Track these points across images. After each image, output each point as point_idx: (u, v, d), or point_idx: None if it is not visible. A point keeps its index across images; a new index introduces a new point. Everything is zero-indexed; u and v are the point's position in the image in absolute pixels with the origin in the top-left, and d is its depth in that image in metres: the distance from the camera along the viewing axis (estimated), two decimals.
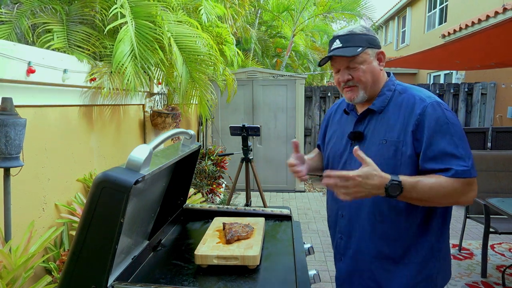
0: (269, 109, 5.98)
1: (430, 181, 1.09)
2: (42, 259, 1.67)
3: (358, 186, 1.04)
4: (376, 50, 1.25)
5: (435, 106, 1.15)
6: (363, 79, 1.23)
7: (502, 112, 6.97)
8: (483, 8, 7.81)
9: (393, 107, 1.23)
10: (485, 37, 3.77)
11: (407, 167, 1.16)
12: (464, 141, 1.14)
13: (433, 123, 1.13)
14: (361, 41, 1.22)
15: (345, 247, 1.32)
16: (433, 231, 1.20)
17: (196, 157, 1.54)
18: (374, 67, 1.24)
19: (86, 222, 0.91)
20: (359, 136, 1.27)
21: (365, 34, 1.23)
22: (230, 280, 1.08)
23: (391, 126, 1.20)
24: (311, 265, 3.27)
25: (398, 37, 14.76)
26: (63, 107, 2.15)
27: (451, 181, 1.08)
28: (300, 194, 5.90)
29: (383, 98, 1.25)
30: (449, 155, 1.11)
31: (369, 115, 1.28)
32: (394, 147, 1.17)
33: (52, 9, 2.42)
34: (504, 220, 3.25)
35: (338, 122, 1.42)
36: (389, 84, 1.28)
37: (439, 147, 1.12)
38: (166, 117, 3.34)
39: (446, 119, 1.14)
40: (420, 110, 1.16)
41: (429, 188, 1.08)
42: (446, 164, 1.10)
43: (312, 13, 8.20)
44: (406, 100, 1.21)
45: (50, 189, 2.02)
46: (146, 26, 2.54)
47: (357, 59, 1.21)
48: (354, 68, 1.22)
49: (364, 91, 1.24)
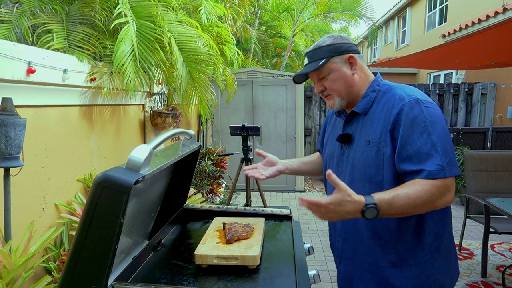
0: (269, 109, 5.98)
1: (406, 194, 1.05)
2: (42, 259, 1.67)
3: (331, 212, 1.02)
4: (344, 55, 1.25)
5: (413, 105, 1.13)
6: (334, 87, 1.26)
7: (502, 112, 6.97)
8: (483, 8, 7.81)
9: (377, 108, 1.23)
10: (485, 37, 3.77)
11: (389, 167, 1.15)
12: (443, 139, 1.10)
13: (409, 122, 1.12)
14: (324, 52, 1.25)
15: (342, 249, 1.32)
16: (430, 232, 1.18)
17: (196, 157, 1.54)
18: (344, 73, 1.25)
19: (86, 222, 0.91)
20: (347, 138, 1.28)
21: (330, 44, 1.25)
22: (230, 280, 1.08)
23: (374, 127, 1.20)
24: (311, 265, 3.27)
25: (398, 37, 14.76)
26: (63, 107, 2.15)
27: (426, 186, 1.05)
28: (300, 194, 5.90)
29: (367, 100, 1.26)
30: (423, 155, 1.08)
31: (355, 117, 1.29)
32: (376, 147, 1.18)
33: (52, 9, 2.42)
34: (504, 220, 3.26)
35: (333, 125, 1.44)
36: (374, 85, 1.27)
37: (414, 147, 1.10)
38: (166, 117, 3.34)
39: (424, 117, 1.11)
40: (398, 109, 1.15)
41: (406, 202, 1.04)
42: (419, 165, 1.08)
43: (312, 13, 8.19)
44: (388, 100, 1.21)
45: (50, 189, 2.02)
46: (146, 26, 2.54)
47: (323, 71, 1.25)
48: (324, 78, 1.27)
49: (340, 98, 1.27)
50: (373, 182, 1.18)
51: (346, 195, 1.01)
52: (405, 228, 1.18)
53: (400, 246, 1.19)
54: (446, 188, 1.08)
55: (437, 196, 1.07)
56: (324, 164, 1.45)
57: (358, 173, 1.22)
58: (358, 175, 1.22)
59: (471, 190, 3.50)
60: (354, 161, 1.24)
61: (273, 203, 5.38)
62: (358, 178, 1.21)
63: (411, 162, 1.10)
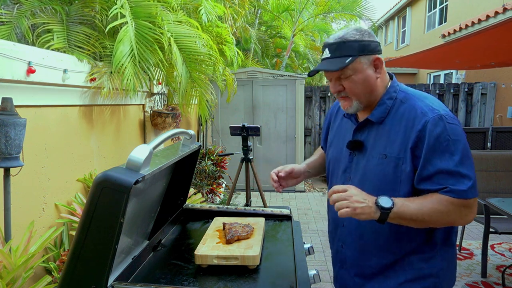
0: (269, 109, 5.98)
1: (421, 202, 1.05)
2: (42, 259, 1.67)
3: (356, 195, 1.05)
4: (371, 56, 1.14)
5: (437, 121, 1.07)
6: (355, 90, 1.15)
7: (502, 112, 6.97)
8: (483, 8, 7.81)
9: (394, 118, 1.16)
10: (485, 37, 3.77)
11: (407, 184, 1.11)
12: (466, 159, 1.06)
13: (433, 141, 1.06)
14: (351, 49, 1.12)
15: (346, 255, 1.28)
16: (438, 239, 1.17)
17: (196, 157, 1.54)
18: (368, 76, 1.15)
19: (86, 222, 0.91)
20: (359, 146, 1.21)
21: (357, 40, 1.12)
22: (230, 280, 1.08)
23: (392, 140, 1.14)
24: (311, 265, 3.27)
25: (398, 37, 14.76)
26: (63, 107, 2.15)
27: (446, 202, 1.03)
28: (300, 194, 5.90)
29: (383, 108, 1.18)
30: (446, 174, 1.05)
31: (368, 125, 1.21)
32: (394, 163, 1.12)
33: (52, 9, 2.42)
34: (504, 220, 3.25)
35: (339, 126, 1.37)
36: (391, 91, 1.19)
37: (436, 167, 1.06)
38: (166, 117, 3.34)
39: (447, 136, 1.06)
40: (421, 126, 1.08)
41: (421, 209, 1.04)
42: (441, 184, 1.05)
43: (312, 13, 8.20)
44: (407, 112, 1.13)
45: (50, 189, 2.02)
46: (145, 27, 2.54)
47: (347, 70, 1.13)
48: (346, 78, 1.15)
49: (358, 102, 1.17)
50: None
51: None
52: (415, 236, 1.15)
53: (406, 254, 1.17)
54: (467, 210, 1.06)
55: (457, 214, 1.05)
56: (327, 165, 1.40)
57: (370, 185, 1.16)
58: (369, 187, 1.14)
59: None
60: (365, 172, 1.19)
61: (273, 203, 5.38)
62: (369, 189, 1.11)
63: (432, 182, 1.07)
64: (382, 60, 1.18)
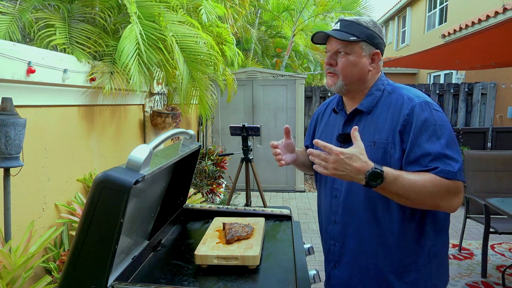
0: (269, 109, 5.98)
1: (414, 177, 1.05)
2: (42, 259, 1.67)
3: (337, 162, 1.01)
4: (373, 48, 1.20)
5: (423, 106, 1.11)
6: (345, 70, 1.19)
7: (502, 112, 6.97)
8: (483, 8, 7.80)
9: (382, 108, 1.19)
10: (485, 37, 3.77)
11: (396, 169, 1.12)
12: (453, 144, 1.09)
13: (420, 124, 1.09)
14: (360, 32, 1.17)
15: (339, 254, 1.28)
16: (429, 236, 1.17)
17: (196, 157, 1.54)
18: (362, 63, 1.19)
19: (86, 222, 0.90)
20: (348, 138, 1.21)
21: (368, 28, 1.19)
22: (230, 280, 1.08)
23: (380, 127, 1.17)
24: (311, 265, 3.27)
25: (398, 37, 14.76)
26: (63, 107, 2.15)
27: (435, 181, 1.04)
28: (300, 194, 5.90)
29: (371, 98, 1.22)
30: (433, 157, 1.06)
31: (357, 116, 1.24)
32: (383, 149, 1.14)
33: (55, 5, 2.42)
34: (504, 220, 3.25)
35: (326, 123, 1.39)
36: (379, 83, 1.24)
37: (424, 149, 1.07)
38: (166, 117, 3.34)
39: (434, 120, 1.10)
40: (408, 110, 1.12)
41: (411, 184, 1.03)
42: (429, 166, 1.06)
43: (312, 13, 8.20)
44: (394, 100, 1.18)
45: (50, 189, 2.02)
46: (149, 26, 2.54)
47: (347, 48, 1.18)
48: (342, 56, 1.19)
49: (344, 82, 1.21)
50: None
51: (360, 151, 1.03)
52: (407, 231, 1.16)
53: (400, 251, 1.17)
54: (454, 193, 1.06)
55: (443, 195, 1.05)
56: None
57: None
58: None
59: (471, 190, 3.50)
60: None
61: (273, 203, 5.38)
62: None
63: (419, 164, 1.08)
64: (381, 58, 1.22)
